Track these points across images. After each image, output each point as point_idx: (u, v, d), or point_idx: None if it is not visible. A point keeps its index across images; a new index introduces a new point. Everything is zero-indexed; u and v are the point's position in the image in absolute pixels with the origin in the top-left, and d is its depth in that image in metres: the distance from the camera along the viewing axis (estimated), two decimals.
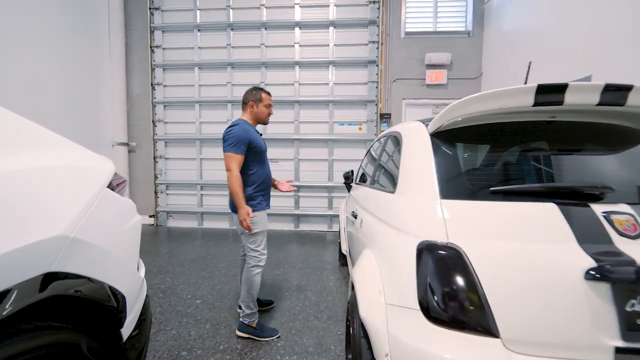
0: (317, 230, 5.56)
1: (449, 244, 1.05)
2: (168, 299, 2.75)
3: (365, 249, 1.63)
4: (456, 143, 1.38)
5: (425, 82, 5.45)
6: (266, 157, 2.31)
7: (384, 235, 1.41)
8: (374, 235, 1.58)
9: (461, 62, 5.42)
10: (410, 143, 1.55)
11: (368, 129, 5.50)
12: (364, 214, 1.95)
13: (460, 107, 1.22)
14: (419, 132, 1.50)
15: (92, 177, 1.09)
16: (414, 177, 1.38)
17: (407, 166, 1.47)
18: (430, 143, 1.37)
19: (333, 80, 5.48)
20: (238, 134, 2.06)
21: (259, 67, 5.54)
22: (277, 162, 5.59)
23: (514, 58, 4.55)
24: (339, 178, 5.49)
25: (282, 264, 3.73)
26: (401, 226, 1.27)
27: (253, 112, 2.26)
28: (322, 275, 3.36)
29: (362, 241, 1.82)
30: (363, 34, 5.46)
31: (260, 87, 2.32)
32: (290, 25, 5.45)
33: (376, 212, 1.68)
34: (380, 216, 1.57)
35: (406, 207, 1.32)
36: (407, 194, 1.37)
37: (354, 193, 2.85)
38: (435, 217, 1.13)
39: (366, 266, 1.44)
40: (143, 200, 5.76)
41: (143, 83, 5.70)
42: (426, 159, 1.33)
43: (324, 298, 2.82)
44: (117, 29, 5.42)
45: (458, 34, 5.44)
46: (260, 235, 2.20)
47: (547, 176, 1.30)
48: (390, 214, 1.44)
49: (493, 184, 1.24)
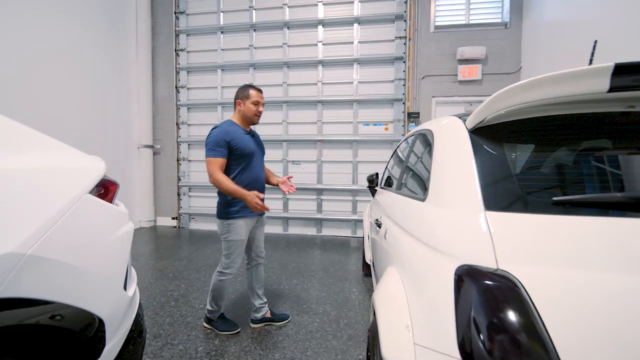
0: (341, 236, 5.33)
1: (499, 271, 0.80)
2: (179, 309, 2.63)
3: (390, 265, 1.39)
4: (503, 141, 1.11)
5: (457, 79, 5.08)
6: (255, 160, 2.15)
7: (412, 252, 1.17)
8: (400, 250, 1.34)
9: (497, 56, 5.00)
10: (444, 142, 1.30)
11: (395, 129, 5.20)
12: (388, 223, 1.71)
13: (509, 95, 0.96)
14: (455, 129, 1.24)
15: (68, 181, 0.94)
16: (450, 183, 1.13)
17: (441, 169, 1.22)
18: (469, 141, 1.12)
19: (357, 79, 5.25)
20: (216, 136, 1.99)
21: (281, 67, 5.42)
22: (299, 164, 5.44)
23: (559, 50, 4.10)
24: (364, 181, 5.24)
25: (302, 272, 3.53)
26: (433, 242, 1.03)
27: (240, 110, 2.14)
28: (343, 287, 3.13)
29: (387, 255, 1.57)
30: (389, 30, 5.19)
31: (251, 85, 2.18)
32: (314, 23, 5.29)
33: (402, 222, 1.44)
34: (408, 227, 1.33)
35: (439, 219, 1.07)
36: (441, 202, 1.13)
37: (379, 198, 2.60)
38: (478, 234, 0.88)
39: (390, 289, 1.20)
40: (166, 202, 5.81)
41: (168, 86, 5.76)
42: (465, 161, 1.08)
43: (344, 313, 2.58)
44: (144, 33, 5.52)
45: (493, 26, 5.03)
46: (233, 244, 2.09)
47: (630, 183, 1.00)
48: (420, 225, 1.20)
49: (555, 192, 0.97)
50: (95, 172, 1.06)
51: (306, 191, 5.42)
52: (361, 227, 5.25)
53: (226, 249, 2.11)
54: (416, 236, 1.19)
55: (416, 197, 1.40)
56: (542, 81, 0.90)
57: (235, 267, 2.15)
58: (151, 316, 2.47)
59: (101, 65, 4.88)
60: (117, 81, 5.20)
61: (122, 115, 5.32)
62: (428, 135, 1.53)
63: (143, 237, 5.03)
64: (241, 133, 2.10)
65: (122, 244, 1.12)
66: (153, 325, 2.34)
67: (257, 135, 2.31)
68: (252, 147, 2.13)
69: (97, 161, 1.14)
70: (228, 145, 2.00)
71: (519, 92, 0.95)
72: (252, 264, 2.36)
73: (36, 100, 3.88)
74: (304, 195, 5.45)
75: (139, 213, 5.62)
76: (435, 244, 1.01)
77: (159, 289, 3.00)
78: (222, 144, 1.98)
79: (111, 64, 5.08)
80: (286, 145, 5.45)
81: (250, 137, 2.17)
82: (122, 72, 5.30)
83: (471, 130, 1.15)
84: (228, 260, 2.12)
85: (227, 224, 2.06)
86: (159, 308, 2.62)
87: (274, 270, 3.55)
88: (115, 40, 5.17)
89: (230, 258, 2.11)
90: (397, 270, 1.27)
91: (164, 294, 2.90)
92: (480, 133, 1.13)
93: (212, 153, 1.97)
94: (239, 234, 2.09)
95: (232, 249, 2.10)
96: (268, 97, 5.48)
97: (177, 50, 5.71)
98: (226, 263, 2.12)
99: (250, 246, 2.31)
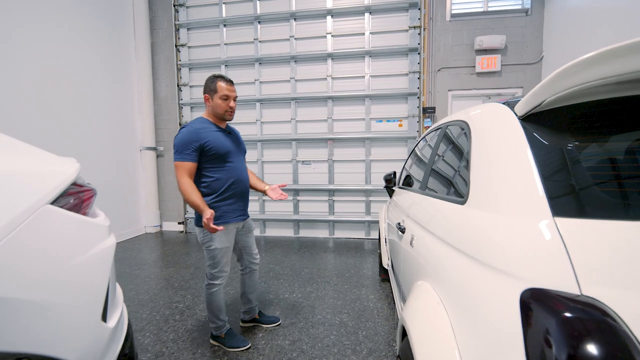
0: (354, 238, 5.11)
1: (584, 297, 0.59)
2: (185, 322, 2.44)
3: (422, 279, 1.18)
4: (567, 129, 0.88)
5: (475, 70, 4.80)
6: (233, 159, 1.93)
7: (453, 267, 0.96)
8: (434, 263, 1.12)
9: (517, 45, 4.71)
10: (486, 133, 1.08)
11: (409, 125, 4.94)
12: (415, 228, 1.48)
13: (581, 69, 0.71)
14: (501, 117, 1.03)
15: (20, 190, 0.72)
16: (500, 182, 0.91)
17: (486, 166, 1.00)
18: (522, 130, 0.90)
19: (369, 73, 4.96)
20: (184, 137, 1.78)
21: (288, 61, 5.13)
22: (309, 164, 5.19)
23: (584, 38, 3.85)
24: (378, 180, 5.01)
25: (315, 279, 3.33)
26: (483, 256, 0.81)
27: (209, 106, 1.90)
28: (360, 294, 2.93)
29: (415, 267, 1.35)
30: (403, 19, 4.88)
31: (219, 75, 1.90)
32: (322, 13, 4.98)
33: (435, 228, 1.22)
34: (443, 235, 1.10)
35: (489, 227, 0.85)
36: (488, 206, 0.91)
37: (398, 199, 2.39)
38: (548, 247, 0.67)
39: (428, 311, 0.99)
40: (172, 206, 5.60)
41: (169, 84, 5.48)
42: (519, 155, 0.87)
43: (363, 324, 2.39)
44: (142, 28, 5.23)
45: (513, 13, 4.72)
46: (219, 253, 1.90)
47: None
48: (461, 234, 0.98)
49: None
50: (61, 177, 0.83)
51: (317, 192, 5.19)
52: (375, 229, 5.04)
53: (210, 258, 1.92)
54: (456, 247, 0.97)
55: (451, 199, 1.18)
56: (633, 47, 0.63)
57: (225, 275, 1.98)
58: (154, 332, 2.30)
59: (98, 64, 4.60)
60: (115, 80, 4.92)
61: (123, 116, 5.06)
62: (463, 127, 1.31)
63: (148, 243, 4.82)
64: (213, 131, 1.87)
65: (98, 265, 0.90)
66: (155, 342, 2.17)
67: (234, 132, 2.08)
68: (227, 146, 1.90)
69: (67, 164, 0.91)
70: (200, 147, 1.79)
71: (599, 63, 0.69)
72: (246, 271, 2.22)
73: (29, 102, 3.62)
74: (315, 197, 5.21)
75: (144, 218, 5.41)
76: (487, 258, 0.80)
77: (163, 301, 2.81)
78: (192, 145, 1.77)
79: (109, 62, 4.79)
80: (295, 145, 5.20)
81: (224, 135, 1.94)
82: (120, 70, 5.02)
83: (522, 117, 0.93)
84: (215, 270, 1.94)
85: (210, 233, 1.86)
86: (162, 322, 2.44)
87: (286, 277, 3.36)
88: (112, 36, 4.87)
89: (217, 267, 1.93)
90: (432, 287, 1.06)
91: (168, 306, 2.72)
92: (534, 121, 0.91)
93: (180, 157, 1.78)
94: (223, 240, 1.89)
95: (218, 258, 1.91)
96: (276, 94, 5.24)
97: (178, 46, 5.42)
98: (213, 273, 1.95)
99: (242, 254, 2.17)
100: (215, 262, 1.92)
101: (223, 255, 1.92)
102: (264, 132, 5.29)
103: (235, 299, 2.81)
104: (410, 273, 1.46)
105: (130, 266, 3.75)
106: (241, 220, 2.01)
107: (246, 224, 2.11)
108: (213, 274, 1.95)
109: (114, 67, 4.88)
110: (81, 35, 4.32)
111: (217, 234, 1.86)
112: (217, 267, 1.93)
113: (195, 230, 1.94)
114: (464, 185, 1.12)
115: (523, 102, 0.92)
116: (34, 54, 3.68)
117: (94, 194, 0.99)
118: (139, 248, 4.55)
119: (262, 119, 5.25)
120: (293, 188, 5.20)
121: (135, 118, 5.28)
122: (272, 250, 4.44)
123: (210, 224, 1.68)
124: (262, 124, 5.28)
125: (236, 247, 2.12)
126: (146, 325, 2.41)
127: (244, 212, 2.04)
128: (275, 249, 4.54)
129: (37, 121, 3.69)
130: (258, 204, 5.34)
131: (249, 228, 2.14)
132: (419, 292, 1.13)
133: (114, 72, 4.88)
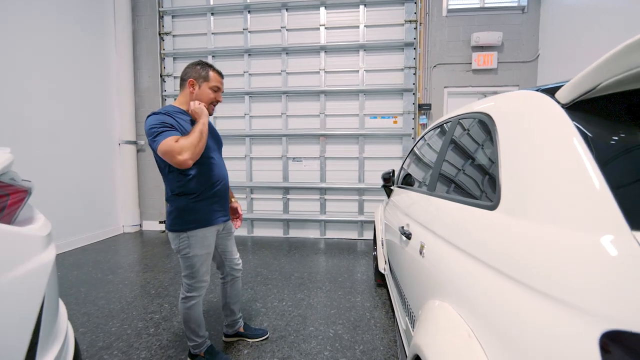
0: (346, 239, 4.90)
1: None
2: (160, 337, 2.16)
3: (440, 301, 0.97)
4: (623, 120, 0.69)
5: (471, 67, 4.69)
6: (213, 155, 1.71)
7: (493, 292, 0.75)
8: (460, 283, 0.90)
9: (514, 43, 4.63)
10: (520, 126, 0.89)
11: (404, 122, 4.77)
12: (425, 235, 1.27)
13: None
14: (540, 106, 0.83)
15: None
16: (549, 186, 0.71)
17: (523, 166, 0.81)
18: (571, 122, 0.71)
19: (364, 67, 4.78)
20: (157, 119, 1.49)
21: (280, 53, 4.89)
22: (300, 161, 4.96)
23: (581, 37, 3.80)
24: (371, 179, 4.83)
25: (306, 284, 3.09)
26: (541, 284, 0.61)
27: (193, 93, 1.64)
28: (355, 301, 2.71)
29: (429, 282, 1.14)
30: (399, 13, 4.72)
31: (208, 63, 1.68)
32: (315, 5, 4.77)
33: (455, 238, 1.01)
34: (470, 248, 0.89)
35: (545, 245, 0.65)
36: (534, 215, 0.71)
37: (397, 199, 2.20)
38: (633, 274, 0.49)
39: (457, 346, 0.78)
40: (153, 204, 5.26)
41: (152, 75, 5.16)
42: (572, 152, 0.68)
43: (359, 337, 2.17)
44: (123, 14, 4.89)
45: (510, 10, 4.64)
46: (198, 260, 1.64)
47: None
48: (497, 249, 0.78)
49: None
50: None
51: (308, 190, 4.96)
52: (368, 229, 4.85)
53: (188, 267, 1.65)
54: (491, 264, 0.77)
55: (473, 203, 0.98)
56: None
57: (204, 285, 1.71)
58: (123, 349, 2.01)
59: (74, 51, 4.25)
60: (93, 69, 4.57)
61: (100, 108, 4.70)
62: (480, 121, 1.14)
63: (126, 244, 4.47)
64: (188, 121, 1.61)
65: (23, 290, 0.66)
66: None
67: (210, 124, 1.82)
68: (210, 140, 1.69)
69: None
70: None
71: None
72: (228, 279, 1.95)
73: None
74: (306, 195, 4.98)
75: (122, 217, 5.05)
76: (544, 285, 0.60)
77: (137, 311, 2.52)
78: (168, 123, 1.50)
79: (85, 49, 4.44)
80: (286, 141, 4.95)
81: None
82: (98, 58, 4.67)
83: (567, 106, 0.74)
84: (192, 281, 1.67)
85: (187, 237, 1.61)
86: (134, 337, 2.15)
87: (274, 283, 3.11)
88: (89, 23, 4.52)
89: (196, 277, 1.67)
90: (456, 311, 0.85)
91: (142, 317, 2.42)
92: (582, 110, 0.72)
93: (163, 134, 1.44)
94: (204, 245, 1.65)
95: (197, 266, 1.65)
96: (266, 87, 4.98)
97: (162, 34, 5.10)
98: (190, 284, 1.68)
99: (222, 260, 1.91)
100: (194, 271, 1.65)
101: (202, 264, 1.67)
102: (252, 127, 5.03)
103: (216, 309, 2.54)
104: (420, 287, 1.25)
105: (103, 270, 3.42)
106: (223, 221, 1.76)
107: (226, 226, 1.87)
108: (191, 286, 1.68)
109: (90, 54, 4.53)
110: (55, 19, 3.97)
111: (198, 239, 1.62)
112: (196, 277, 1.67)
113: (169, 236, 1.67)
114: (489, 188, 0.93)
115: (570, 86, 0.73)
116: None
117: (27, 194, 0.73)
118: (115, 250, 4.20)
119: (251, 112, 5.00)
120: (283, 186, 4.95)
121: (113, 110, 4.93)
122: (260, 252, 4.18)
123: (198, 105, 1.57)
124: (251, 119, 5.01)
125: (215, 253, 1.87)
126: (115, 341, 2.11)
127: (226, 213, 1.80)
128: (264, 250, 4.28)
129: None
130: (246, 202, 5.07)
131: (229, 230, 1.90)
132: (438, 316, 0.93)
133: (90, 60, 4.53)
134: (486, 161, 1.04)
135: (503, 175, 0.86)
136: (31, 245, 0.72)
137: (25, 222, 0.74)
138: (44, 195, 3.79)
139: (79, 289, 2.93)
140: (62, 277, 3.20)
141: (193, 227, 1.60)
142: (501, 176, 0.87)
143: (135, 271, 3.43)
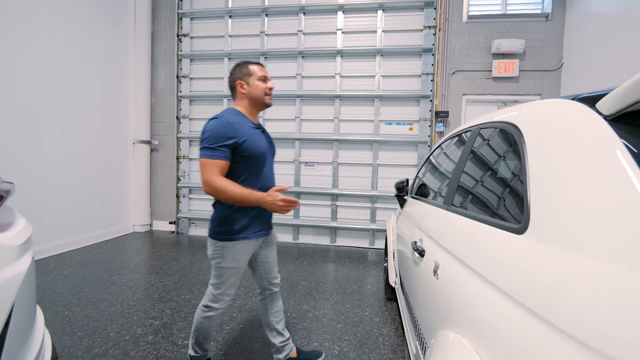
0: (357, 247, 4.78)
1: None
2: (158, 346, 2.06)
3: (455, 332, 0.85)
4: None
5: (491, 75, 4.56)
6: (266, 163, 1.63)
7: (515, 331, 0.64)
8: (480, 317, 0.78)
9: (536, 51, 4.48)
10: (555, 139, 0.77)
11: (420, 129, 4.66)
12: (440, 254, 1.15)
13: None
14: (579, 118, 0.72)
15: None
16: (584, 210, 0.60)
17: (560, 186, 0.69)
18: (617, 137, 0.60)
19: (380, 73, 4.70)
20: (217, 130, 1.46)
21: (295, 57, 4.87)
22: (312, 166, 4.89)
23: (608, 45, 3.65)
24: (384, 186, 4.71)
25: (313, 294, 2.98)
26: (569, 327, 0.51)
27: (245, 93, 1.60)
28: (363, 316, 2.57)
29: (442, 308, 1.02)
30: (417, 18, 4.65)
31: (245, 61, 1.65)
32: (333, 8, 4.74)
33: (478, 264, 0.87)
34: (491, 276, 0.78)
35: (576, 279, 0.55)
36: (573, 244, 0.59)
37: (410, 210, 2.08)
38: None
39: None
40: (164, 204, 5.26)
41: (168, 75, 5.19)
42: (618, 171, 0.57)
43: (366, 355, 2.03)
44: (143, 15, 4.96)
45: (533, 17, 4.51)
46: (227, 272, 1.57)
47: None
48: (523, 281, 0.67)
49: None
50: None
51: (320, 196, 4.87)
52: (380, 238, 4.71)
53: (217, 276, 1.58)
54: (515, 297, 0.66)
55: (497, 224, 0.87)
56: None
57: (227, 299, 1.63)
58: (119, 358, 1.92)
59: (96, 47, 4.31)
60: (110, 69, 4.63)
61: (116, 107, 4.74)
62: (505, 132, 1.03)
63: (135, 244, 4.46)
64: (250, 127, 1.56)
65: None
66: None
67: (265, 129, 1.77)
68: (263, 146, 1.60)
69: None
70: (234, 145, 1.47)
71: None
72: (265, 294, 1.82)
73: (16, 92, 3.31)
74: (317, 201, 4.89)
75: (133, 215, 5.05)
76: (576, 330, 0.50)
77: (137, 316, 2.44)
78: (226, 140, 1.45)
79: (104, 49, 4.50)
80: (299, 145, 4.89)
81: (260, 133, 1.64)
82: (117, 58, 4.73)
83: (611, 118, 0.64)
84: (218, 292, 1.59)
85: (221, 247, 1.54)
86: (131, 344, 2.06)
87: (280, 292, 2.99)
88: (111, 23, 4.60)
89: (221, 289, 1.58)
90: (475, 349, 0.73)
91: (142, 322, 2.34)
92: (630, 122, 0.62)
93: (210, 153, 1.43)
94: (235, 259, 1.57)
95: (225, 278, 1.57)
96: (280, 90, 4.93)
97: (180, 36, 5.15)
98: (215, 295, 1.60)
99: (260, 272, 1.78)
100: (221, 281, 1.58)
101: (230, 276, 1.59)
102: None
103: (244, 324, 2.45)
104: (433, 312, 1.13)
105: (109, 271, 3.38)
106: (263, 235, 1.67)
107: (268, 238, 1.77)
108: (215, 296, 1.60)
109: (109, 54, 4.59)
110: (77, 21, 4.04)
111: (232, 252, 1.55)
112: (221, 288, 1.59)
113: (208, 242, 1.61)
114: (515, 207, 0.83)
115: (615, 95, 0.63)
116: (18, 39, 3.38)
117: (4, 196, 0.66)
118: (123, 249, 4.18)
119: (264, 116, 4.97)
120: (294, 191, 4.87)
121: (129, 109, 4.97)
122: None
123: (286, 199, 1.47)
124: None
125: (255, 265, 1.77)
126: (111, 347, 2.03)
127: (268, 227, 1.70)
128: None
129: (13, 112, 3.37)
130: None
131: (271, 240, 1.79)
132: (454, 353, 0.81)
133: (109, 59, 4.59)
134: (510, 177, 0.93)
135: (533, 195, 0.75)
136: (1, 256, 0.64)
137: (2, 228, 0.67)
138: (57, 192, 3.81)
139: (82, 289, 2.89)
140: (67, 276, 3.17)
141: (228, 238, 1.53)
142: (530, 196, 0.76)
143: (140, 272, 3.38)
